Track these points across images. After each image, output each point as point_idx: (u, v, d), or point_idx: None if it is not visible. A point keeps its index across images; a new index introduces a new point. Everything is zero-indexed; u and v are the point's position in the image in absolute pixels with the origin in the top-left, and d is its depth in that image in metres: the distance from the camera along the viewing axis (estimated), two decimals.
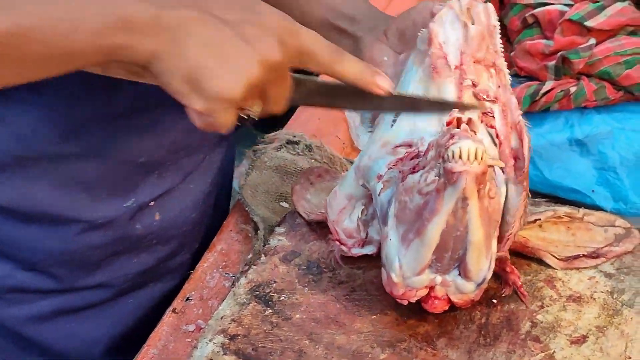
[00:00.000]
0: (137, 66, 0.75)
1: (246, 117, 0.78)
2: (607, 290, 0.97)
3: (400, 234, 0.88)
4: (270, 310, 0.96)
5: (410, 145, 0.92)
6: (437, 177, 0.82)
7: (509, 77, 0.94)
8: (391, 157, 0.92)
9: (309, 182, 1.09)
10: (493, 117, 0.91)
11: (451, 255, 0.86)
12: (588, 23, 1.17)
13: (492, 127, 0.91)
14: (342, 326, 0.94)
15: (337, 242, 1.00)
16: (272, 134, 1.22)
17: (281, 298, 0.97)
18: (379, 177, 0.92)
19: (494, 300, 0.97)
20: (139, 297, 1.14)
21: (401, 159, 0.91)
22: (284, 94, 0.79)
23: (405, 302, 0.91)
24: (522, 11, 1.25)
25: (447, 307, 0.91)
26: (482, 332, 0.93)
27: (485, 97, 0.91)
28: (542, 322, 0.94)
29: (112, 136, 0.99)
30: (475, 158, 0.78)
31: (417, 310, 0.93)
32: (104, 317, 1.12)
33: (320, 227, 1.04)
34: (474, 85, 0.91)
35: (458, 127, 0.82)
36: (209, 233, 1.15)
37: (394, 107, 0.89)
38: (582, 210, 1.05)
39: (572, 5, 1.20)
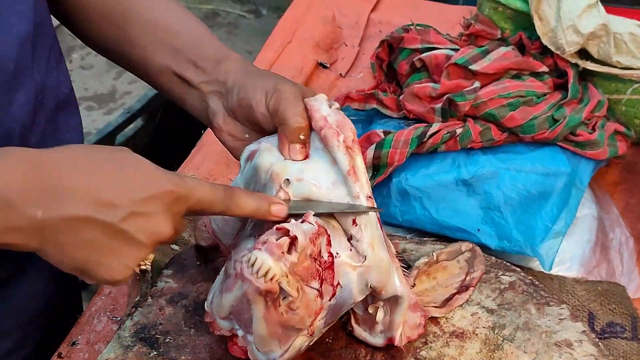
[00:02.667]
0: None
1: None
2: (489, 326, 0.99)
3: (222, 278, 0.90)
4: (155, 352, 0.95)
5: None
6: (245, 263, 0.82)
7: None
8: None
9: None
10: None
11: (245, 324, 0.87)
12: (473, 67, 1.21)
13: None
14: None
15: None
16: None
17: (167, 340, 0.96)
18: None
19: None
20: None
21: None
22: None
23: (212, 331, 0.92)
24: (410, 56, 1.29)
25: (243, 357, 0.91)
26: None
27: None
28: (425, 359, 0.95)
29: None
30: (265, 276, 0.79)
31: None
32: None
33: (208, 270, 1.04)
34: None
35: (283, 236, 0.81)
36: (58, 322, 1.09)
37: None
38: (435, 252, 1.02)
39: (457, 50, 1.24)
